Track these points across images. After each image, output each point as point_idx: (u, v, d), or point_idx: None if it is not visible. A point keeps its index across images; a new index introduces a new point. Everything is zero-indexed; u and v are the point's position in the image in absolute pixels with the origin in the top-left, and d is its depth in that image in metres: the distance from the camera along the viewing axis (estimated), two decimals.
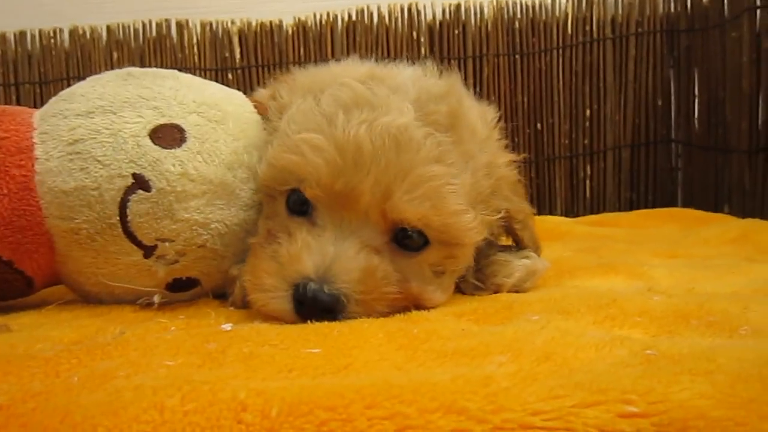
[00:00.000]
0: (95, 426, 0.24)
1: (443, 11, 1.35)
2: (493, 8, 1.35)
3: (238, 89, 0.56)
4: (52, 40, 1.34)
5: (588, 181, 1.39)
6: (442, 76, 0.54)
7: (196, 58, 1.36)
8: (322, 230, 0.44)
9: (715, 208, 1.20)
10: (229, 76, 1.36)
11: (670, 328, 0.37)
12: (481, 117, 0.55)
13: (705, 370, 0.27)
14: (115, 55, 1.35)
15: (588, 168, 1.39)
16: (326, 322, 0.39)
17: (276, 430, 0.23)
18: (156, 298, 0.47)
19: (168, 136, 0.46)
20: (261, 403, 0.24)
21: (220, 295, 0.51)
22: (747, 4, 1.09)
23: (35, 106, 1.31)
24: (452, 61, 1.36)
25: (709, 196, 1.22)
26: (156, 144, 0.45)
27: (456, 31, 1.36)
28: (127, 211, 0.44)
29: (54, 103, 0.49)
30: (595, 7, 1.35)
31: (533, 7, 1.35)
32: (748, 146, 1.10)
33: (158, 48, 1.36)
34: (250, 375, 0.29)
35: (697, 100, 1.28)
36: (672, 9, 1.34)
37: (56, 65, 1.34)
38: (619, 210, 1.37)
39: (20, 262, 0.45)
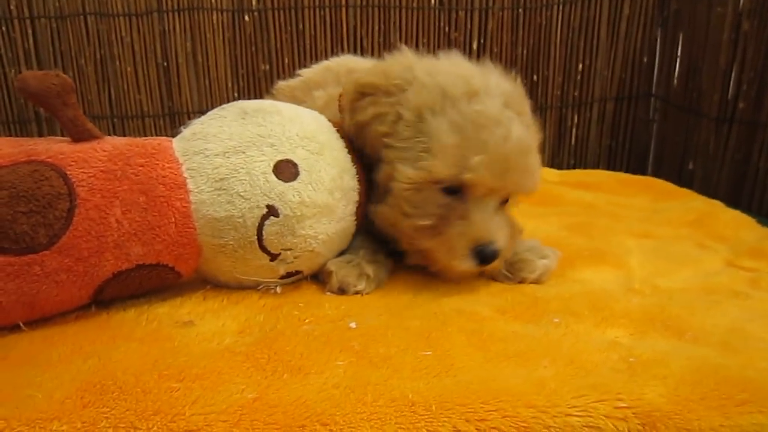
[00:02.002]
0: (332, 416, 0.42)
1: None
2: None
3: (255, 32, 0.69)
4: None
5: (574, 130, 1.55)
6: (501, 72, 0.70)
7: None
8: (477, 208, 0.63)
9: (681, 164, 1.40)
10: (246, 17, 1.41)
11: (643, 329, 0.56)
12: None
13: (662, 374, 0.47)
14: None
15: (576, 117, 1.55)
16: (424, 327, 0.56)
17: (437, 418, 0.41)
18: (278, 289, 0.64)
19: (286, 170, 0.60)
20: (422, 401, 0.43)
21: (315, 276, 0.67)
22: None
23: (52, 43, 1.36)
24: (460, 12, 1.44)
25: (678, 152, 1.41)
26: (279, 179, 0.60)
27: None
28: (263, 232, 0.59)
29: (191, 141, 0.61)
30: None
31: None
32: (717, 115, 1.26)
33: None
34: (398, 376, 0.47)
35: (678, 62, 1.42)
36: None
37: (72, 0, 1.36)
38: (599, 156, 1.56)
39: (178, 266, 0.60)
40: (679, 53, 1.42)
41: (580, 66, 1.50)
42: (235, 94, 1.47)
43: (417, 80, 0.64)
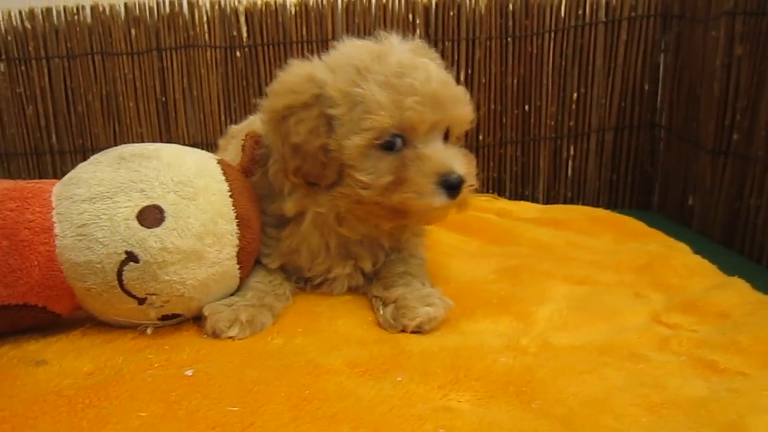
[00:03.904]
0: None
1: None
2: None
3: (246, 67, 0.74)
4: (76, 17, 1.46)
5: (570, 162, 1.48)
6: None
7: (206, 36, 1.46)
8: (426, 146, 0.67)
9: (682, 198, 1.29)
10: (237, 53, 1.46)
11: (492, 395, 0.52)
12: None
13: None
14: (133, 31, 1.47)
15: (572, 149, 1.47)
16: (256, 379, 0.55)
17: None
18: (149, 330, 0.65)
19: (150, 216, 0.61)
20: None
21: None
22: (726, 7, 1.11)
23: (64, 81, 1.47)
24: (446, 43, 1.42)
25: (680, 186, 1.31)
26: (142, 225, 0.61)
27: (451, 13, 1.41)
28: (123, 277, 0.61)
29: (66, 185, 0.64)
30: None
31: None
32: (713, 147, 1.16)
33: (171, 25, 1.46)
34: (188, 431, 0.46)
35: (678, 90, 1.32)
36: None
37: (81, 41, 1.47)
38: (599, 190, 1.47)
39: (51, 306, 0.63)
40: (679, 80, 1.32)
41: (575, 95, 1.43)
42: (228, 126, 1.52)
43: (324, 80, 0.68)
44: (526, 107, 1.45)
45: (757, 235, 1.03)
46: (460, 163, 0.68)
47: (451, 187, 0.66)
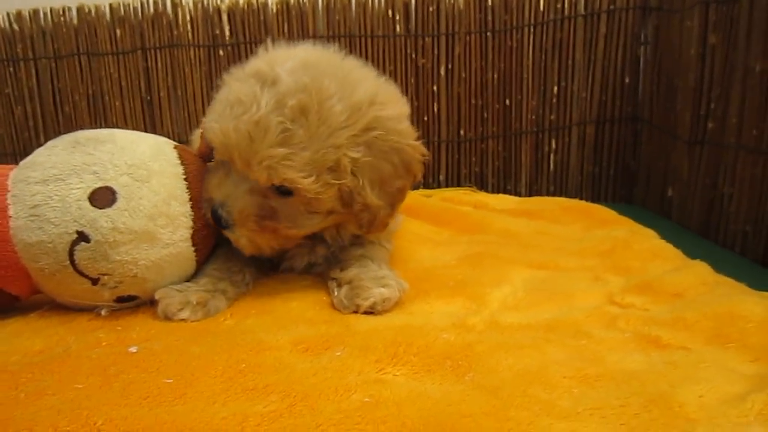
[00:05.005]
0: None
1: None
2: None
3: (229, 65, 0.75)
4: (62, 18, 1.49)
5: (552, 155, 1.48)
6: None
7: (189, 35, 1.48)
8: (215, 171, 0.69)
9: (663, 190, 1.29)
10: (221, 52, 1.48)
11: (428, 369, 0.52)
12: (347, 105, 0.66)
13: (383, 417, 0.43)
14: (118, 32, 1.49)
15: (553, 143, 1.47)
16: (198, 354, 0.56)
17: None
18: (103, 311, 0.66)
19: (103, 197, 0.63)
20: (112, 429, 0.42)
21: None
22: None
23: (51, 81, 1.49)
24: (426, 39, 1.43)
25: (660, 177, 1.30)
26: (93, 205, 0.62)
27: (430, 9, 1.42)
28: (75, 257, 0.62)
29: (22, 169, 0.65)
30: None
31: None
32: (689, 137, 1.16)
33: (156, 25, 1.48)
34: (118, 401, 0.47)
35: (658, 82, 1.32)
36: None
37: (67, 41, 1.49)
38: (582, 183, 1.47)
39: (7, 288, 0.64)
40: (659, 72, 1.32)
41: (556, 89, 1.44)
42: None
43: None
44: (507, 102, 1.46)
45: (730, 224, 1.03)
46: (235, 206, 0.67)
47: (212, 213, 0.68)
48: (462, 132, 1.47)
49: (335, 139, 0.64)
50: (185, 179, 0.69)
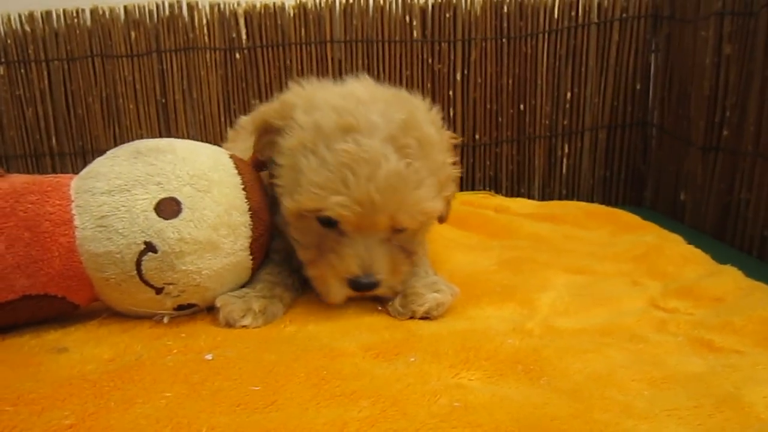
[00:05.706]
0: None
1: None
2: None
3: (245, 69, 0.74)
4: (75, 20, 1.48)
5: (565, 160, 1.52)
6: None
7: (206, 38, 1.48)
8: (350, 241, 0.65)
9: (675, 194, 1.33)
10: (237, 55, 1.48)
11: (501, 373, 0.54)
12: (433, 123, 0.70)
13: (477, 421, 0.45)
14: (132, 34, 1.48)
15: (566, 147, 1.51)
16: (274, 361, 0.57)
17: None
18: (165, 319, 0.67)
19: (168, 208, 0.64)
20: None
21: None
22: (715, 8, 1.15)
23: (64, 83, 1.48)
24: (443, 44, 1.45)
25: (672, 182, 1.34)
26: (160, 216, 0.63)
27: (447, 15, 1.44)
28: (141, 267, 0.63)
29: (84, 179, 0.66)
30: None
31: None
32: (703, 143, 1.20)
33: (171, 28, 1.48)
34: (212, 409, 0.48)
35: (670, 89, 1.36)
36: None
37: (80, 43, 1.48)
38: (593, 187, 1.51)
39: (70, 297, 0.64)
40: (670, 79, 1.36)
41: (569, 94, 1.47)
42: (228, 128, 1.54)
43: (294, 120, 0.67)
44: (521, 106, 1.49)
45: (747, 228, 1.07)
46: (382, 266, 0.66)
47: (360, 287, 0.66)
48: (477, 136, 1.50)
49: (440, 156, 0.69)
50: (243, 189, 0.70)
